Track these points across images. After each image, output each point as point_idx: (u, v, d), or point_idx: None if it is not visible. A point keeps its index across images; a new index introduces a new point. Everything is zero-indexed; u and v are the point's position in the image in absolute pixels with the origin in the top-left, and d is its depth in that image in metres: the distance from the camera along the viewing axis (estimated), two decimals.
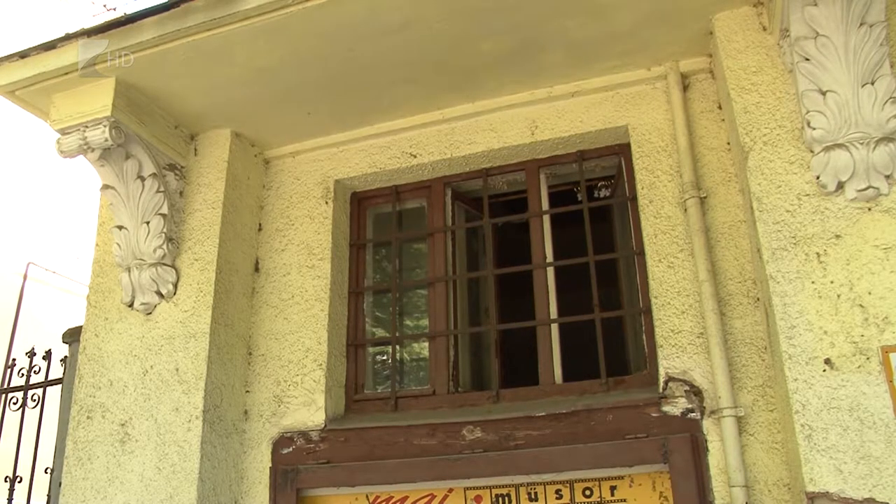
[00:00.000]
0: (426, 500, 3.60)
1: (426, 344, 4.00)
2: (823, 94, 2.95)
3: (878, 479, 2.61)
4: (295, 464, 3.70)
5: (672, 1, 3.24)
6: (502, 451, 3.43)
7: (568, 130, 3.79)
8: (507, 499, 3.51)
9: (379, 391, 4.04)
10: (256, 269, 4.13)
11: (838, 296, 2.81)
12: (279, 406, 3.84)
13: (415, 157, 4.04)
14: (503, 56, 3.55)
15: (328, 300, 3.93)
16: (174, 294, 3.82)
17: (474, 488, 3.56)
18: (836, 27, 2.90)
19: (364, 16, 3.26)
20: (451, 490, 3.58)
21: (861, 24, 2.90)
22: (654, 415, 3.27)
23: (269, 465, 3.75)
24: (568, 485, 3.45)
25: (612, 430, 3.32)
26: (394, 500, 3.65)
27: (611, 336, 3.73)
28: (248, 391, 3.91)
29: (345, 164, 4.18)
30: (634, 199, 3.64)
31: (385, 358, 4.09)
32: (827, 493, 2.64)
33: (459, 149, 3.96)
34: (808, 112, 2.98)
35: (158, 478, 3.52)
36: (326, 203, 4.12)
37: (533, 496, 3.48)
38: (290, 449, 3.74)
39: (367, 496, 3.69)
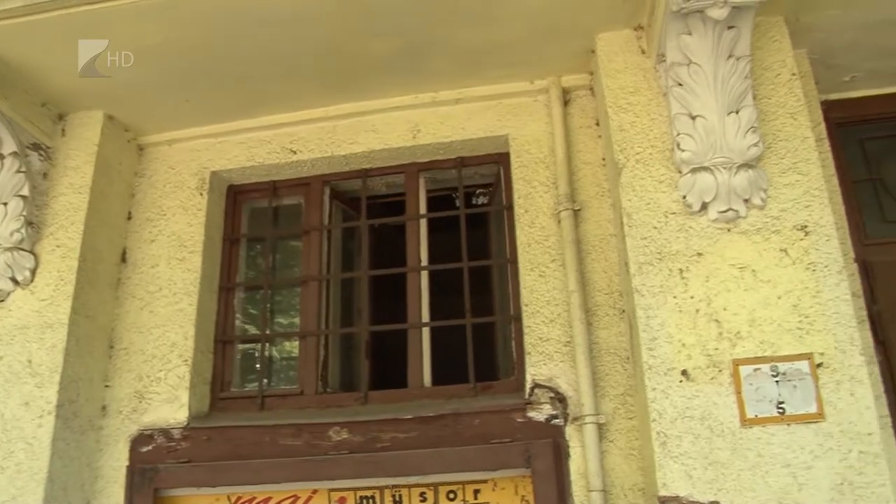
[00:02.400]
0: (290, 500, 3.55)
1: (297, 343, 3.94)
2: (693, 118, 3.09)
3: (722, 483, 2.76)
4: (154, 463, 3.55)
5: (558, 18, 3.32)
6: (368, 453, 3.42)
7: (450, 136, 3.83)
8: (371, 501, 3.50)
9: (246, 389, 3.94)
10: (123, 260, 3.95)
11: (697, 311, 2.96)
12: (140, 402, 3.68)
13: (295, 153, 3.98)
14: (390, 58, 3.54)
15: (197, 294, 3.81)
16: (31, 281, 3.60)
17: (339, 490, 3.53)
18: (708, 57, 3.05)
19: (253, 4, 3.18)
20: (315, 491, 3.54)
21: (729, 57, 3.05)
22: (519, 420, 3.35)
23: (127, 463, 3.59)
24: (433, 488, 3.47)
25: (478, 434, 3.37)
26: (256, 500, 3.57)
27: (481, 342, 3.79)
28: (107, 386, 3.73)
29: (223, 155, 4.07)
30: (511, 207, 3.70)
31: (256, 356, 4.00)
32: (677, 496, 2.77)
33: (340, 147, 3.93)
34: (678, 134, 3.12)
35: (1, 478, 3.31)
36: (201, 195, 3.99)
37: (397, 499, 3.49)
38: (150, 447, 3.60)
39: (228, 497, 3.59)
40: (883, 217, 3.89)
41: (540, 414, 3.33)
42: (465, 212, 3.89)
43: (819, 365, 2.86)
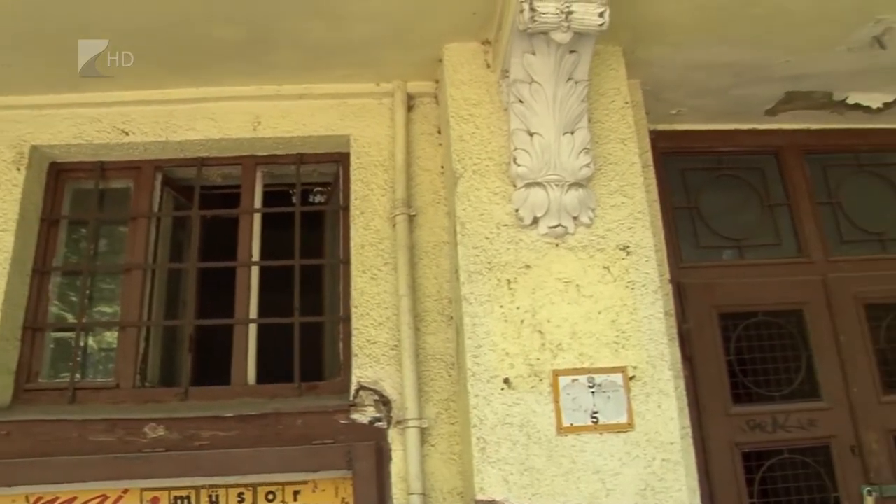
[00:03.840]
0: (98, 500, 3.34)
1: (117, 334, 3.74)
2: (531, 135, 3.18)
3: (537, 488, 2.85)
4: None
5: (408, 24, 3.33)
6: (186, 452, 3.29)
7: (291, 131, 3.75)
8: (186, 501, 3.37)
9: (57, 381, 3.67)
10: None
11: (522, 321, 3.04)
12: None
13: (127, 134, 3.77)
14: (235, 46, 3.42)
15: (6, 277, 3.51)
16: None
17: (152, 489, 3.37)
18: (549, 77, 3.13)
19: None
20: (126, 491, 3.36)
21: (569, 80, 3.15)
22: (342, 422, 3.33)
23: None
24: (251, 488, 3.39)
25: (301, 434, 3.32)
26: (59, 500, 3.34)
27: (309, 342, 3.75)
28: None
29: (46, 129, 3.77)
30: (347, 208, 3.68)
31: (72, 345, 3.75)
32: (494, 500, 2.84)
33: (176, 133, 3.76)
34: (515, 149, 3.19)
35: None
36: (18, 169, 3.69)
37: (214, 499, 3.38)
38: None
39: (27, 497, 3.33)
40: (697, 243, 4.18)
41: (364, 416, 3.33)
42: (300, 209, 3.83)
43: (632, 378, 3.02)
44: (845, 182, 4.48)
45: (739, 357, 3.96)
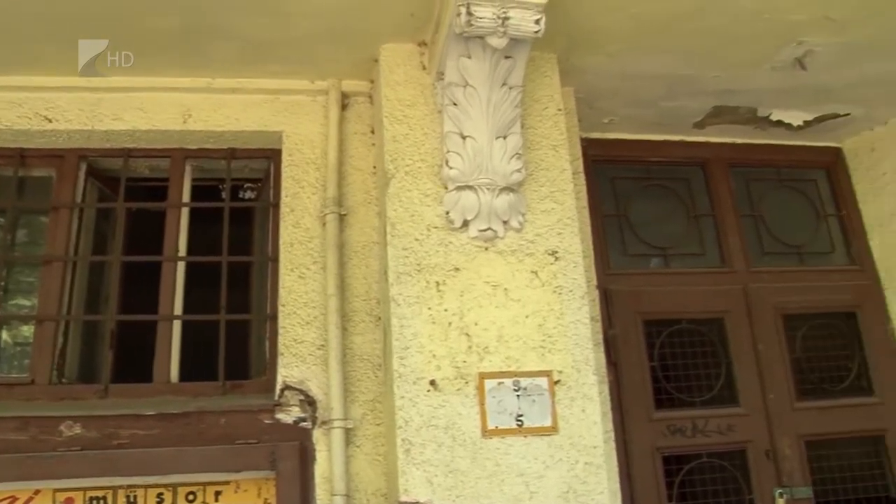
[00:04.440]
0: (7, 502, 3.23)
1: (33, 327, 3.61)
2: (464, 138, 3.19)
3: (461, 490, 2.86)
4: None
5: (346, 23, 3.30)
6: (103, 451, 3.19)
7: (222, 126, 3.68)
8: (102, 501, 3.28)
9: None
10: None
11: (450, 323, 3.05)
12: None
13: (50, 121, 3.64)
14: (168, 36, 3.33)
15: None
16: None
17: (66, 490, 3.26)
18: (483, 82, 3.14)
19: None
20: (37, 491, 3.24)
21: (503, 85, 3.17)
22: (266, 421, 3.28)
23: None
24: (171, 489, 3.32)
25: (224, 434, 3.27)
26: None
27: (235, 340, 3.68)
28: None
29: None
30: (277, 205, 3.63)
31: None
32: (418, 502, 2.84)
33: (103, 122, 3.64)
34: (448, 152, 3.20)
35: None
36: None
37: (132, 499, 3.29)
38: None
39: None
40: (625, 250, 4.26)
41: (288, 416, 3.29)
42: (230, 205, 3.76)
43: (557, 382, 3.06)
44: (767, 196, 4.63)
45: (662, 363, 4.05)
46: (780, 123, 4.39)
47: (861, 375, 4.33)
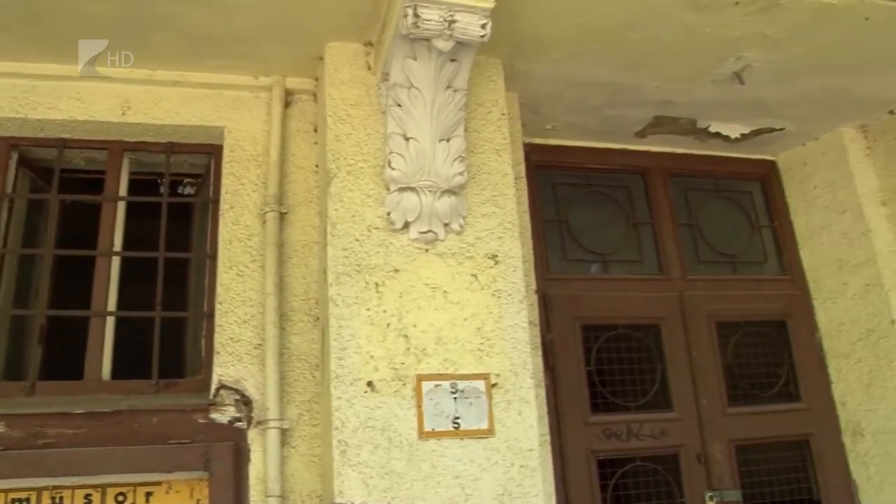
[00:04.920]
0: None
1: None
2: (407, 140, 3.18)
3: (397, 492, 2.86)
4: None
5: (292, 19, 3.26)
6: (28, 451, 3.10)
7: (162, 119, 3.60)
8: (25, 503, 3.18)
9: None
10: None
11: (388, 325, 3.04)
12: None
13: None
14: (108, 24, 3.23)
15: None
16: None
17: None
18: (428, 84, 3.15)
19: None
20: None
21: (448, 87, 3.18)
22: (201, 421, 3.23)
23: None
24: (100, 489, 3.23)
25: (156, 433, 3.20)
26: None
27: (171, 338, 3.62)
28: None
29: None
30: (217, 202, 3.58)
31: None
32: None
33: (37, 111, 3.53)
34: (391, 153, 3.19)
35: None
36: None
37: (58, 500, 3.19)
38: None
39: None
40: (564, 256, 4.30)
41: (223, 416, 3.25)
42: (168, 200, 3.69)
43: (494, 385, 3.07)
44: (704, 205, 4.74)
45: (599, 368, 4.10)
46: (718, 135, 4.50)
47: (789, 382, 4.46)
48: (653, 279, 4.41)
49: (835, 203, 4.54)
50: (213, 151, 3.72)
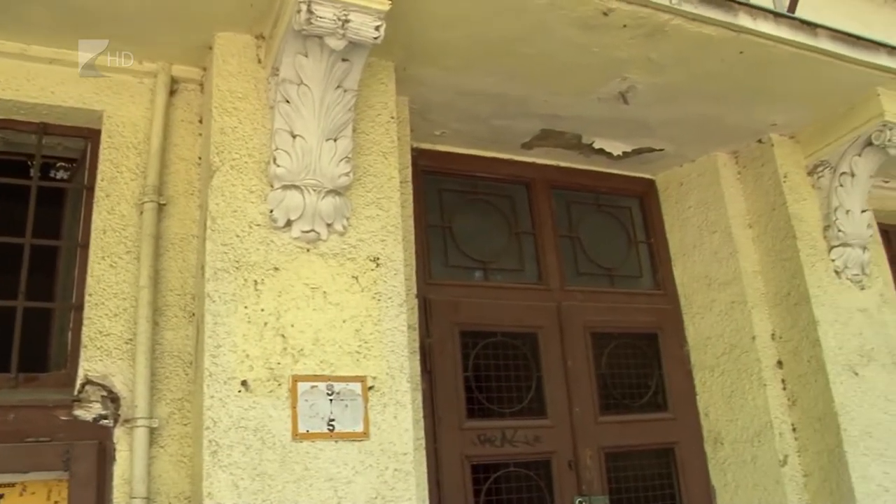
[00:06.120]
0: None
1: None
2: (294, 137, 3.16)
3: (268, 494, 2.82)
4: None
5: (182, 3, 3.17)
6: None
7: (35, 98, 3.39)
8: None
9: None
10: None
11: (265, 324, 3.00)
12: None
13: None
14: None
15: None
16: None
17: None
18: (318, 82, 3.14)
19: None
20: None
21: (338, 87, 3.18)
22: (63, 418, 3.08)
23: None
24: None
25: (13, 430, 3.02)
26: None
27: (34, 329, 3.45)
28: None
29: None
30: (92, 189, 3.42)
31: None
32: None
33: None
34: (277, 149, 3.16)
35: None
36: None
37: None
38: None
39: None
40: (447, 261, 4.35)
41: (88, 413, 3.11)
42: (38, 183, 3.50)
43: (370, 388, 3.08)
44: (585, 219, 4.89)
45: (476, 374, 4.16)
46: (601, 151, 4.65)
47: (658, 392, 4.64)
48: (532, 288, 4.50)
49: (707, 223, 4.77)
50: (91, 136, 3.55)
